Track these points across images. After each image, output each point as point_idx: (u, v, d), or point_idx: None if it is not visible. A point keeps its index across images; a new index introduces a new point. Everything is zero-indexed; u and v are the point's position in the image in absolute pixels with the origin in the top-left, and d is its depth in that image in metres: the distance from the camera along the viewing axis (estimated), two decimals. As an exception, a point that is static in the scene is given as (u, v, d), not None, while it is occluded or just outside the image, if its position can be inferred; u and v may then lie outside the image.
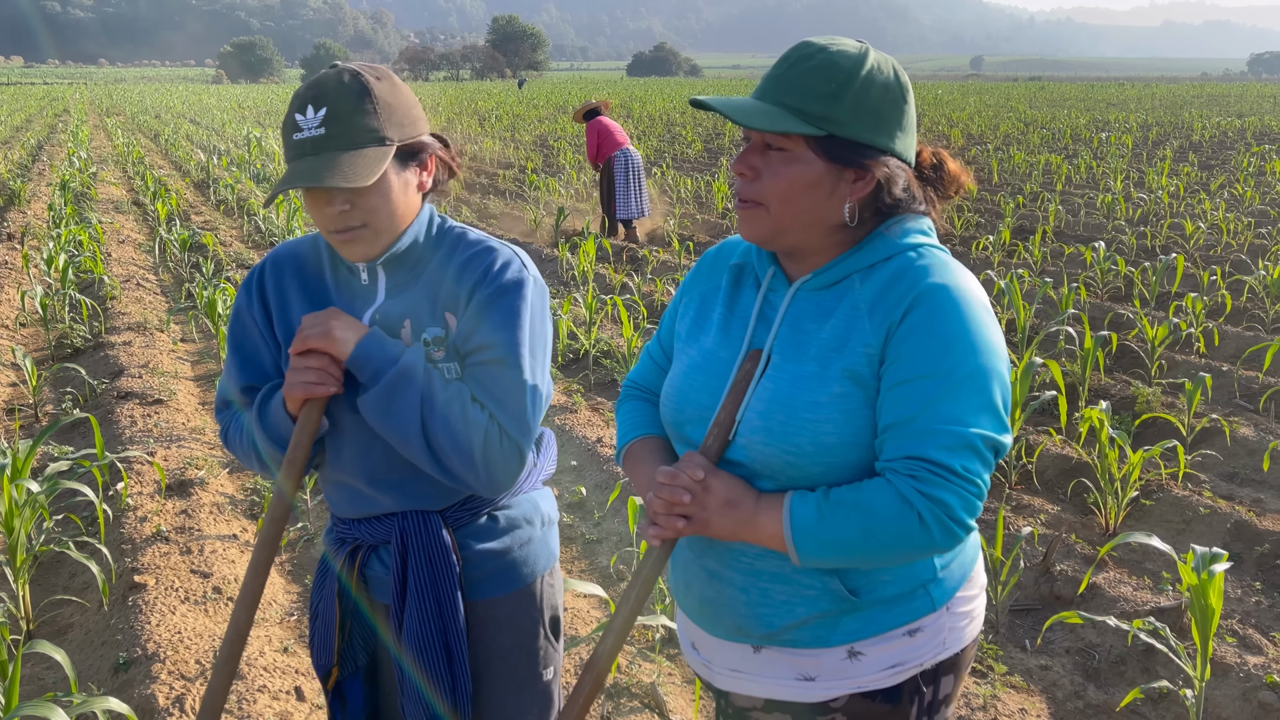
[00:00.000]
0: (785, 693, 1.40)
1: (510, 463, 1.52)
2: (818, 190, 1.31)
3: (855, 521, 1.25)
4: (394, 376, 1.48)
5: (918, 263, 1.33)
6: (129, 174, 15.53)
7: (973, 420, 1.25)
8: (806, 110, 1.28)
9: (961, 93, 49.48)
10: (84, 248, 8.25)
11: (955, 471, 1.23)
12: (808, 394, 1.31)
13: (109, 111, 35.07)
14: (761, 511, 1.31)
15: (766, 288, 1.43)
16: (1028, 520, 4.01)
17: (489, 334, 1.52)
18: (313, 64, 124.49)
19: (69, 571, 3.56)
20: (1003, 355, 1.31)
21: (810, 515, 1.27)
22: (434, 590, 1.58)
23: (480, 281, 1.54)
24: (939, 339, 1.27)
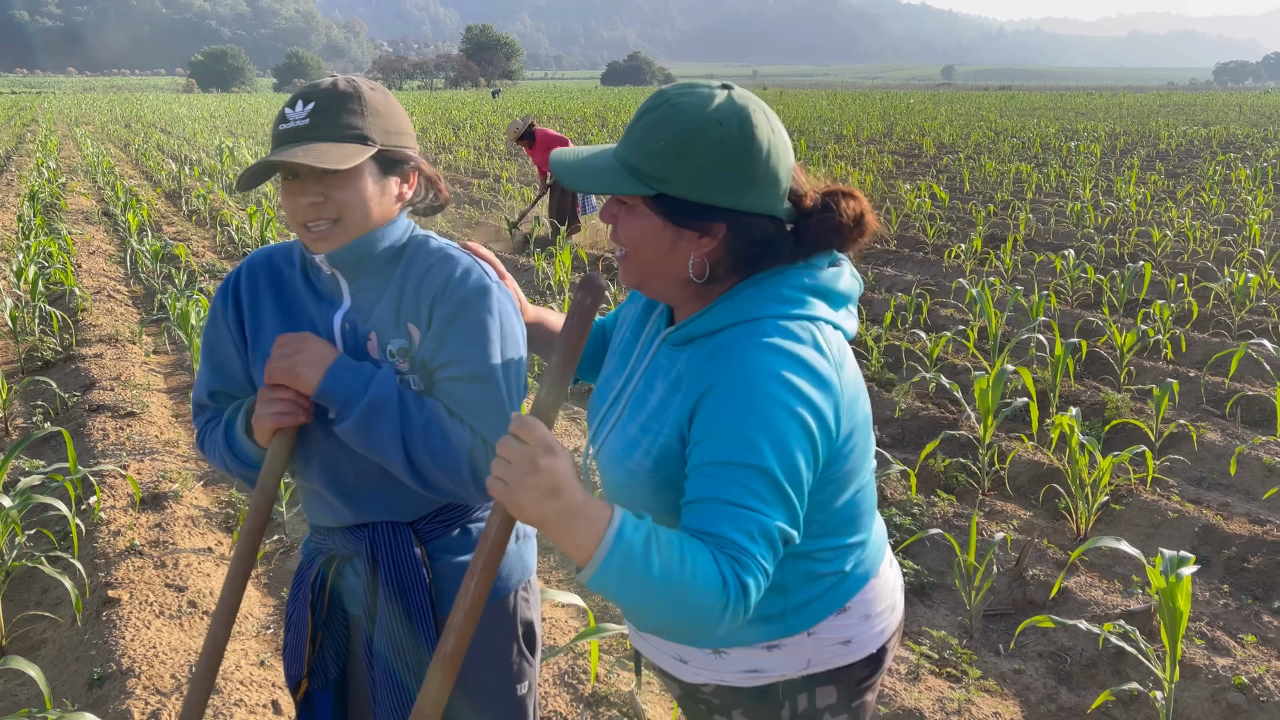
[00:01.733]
0: (668, 666, 1.50)
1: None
2: (659, 244, 1.30)
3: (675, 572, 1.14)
4: (365, 408, 1.47)
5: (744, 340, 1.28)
6: (99, 184, 15.39)
7: (769, 509, 1.20)
8: (640, 169, 1.27)
9: (933, 102, 49.99)
10: (54, 259, 8.17)
11: (758, 560, 1.19)
12: (627, 459, 1.35)
13: (78, 121, 34.71)
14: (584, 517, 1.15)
15: (652, 326, 1.46)
16: (1000, 526, 4.06)
17: (458, 349, 1.51)
18: (285, 73, 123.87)
19: (41, 587, 3.52)
20: (811, 448, 1.24)
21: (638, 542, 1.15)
22: (404, 603, 1.58)
23: (441, 293, 1.52)
24: (723, 429, 1.22)
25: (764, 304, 1.30)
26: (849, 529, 1.42)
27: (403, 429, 1.47)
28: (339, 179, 1.48)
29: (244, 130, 28.32)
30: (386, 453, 1.48)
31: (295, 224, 1.52)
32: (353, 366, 1.51)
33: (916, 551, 3.84)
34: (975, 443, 4.65)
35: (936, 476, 4.55)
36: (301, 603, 1.67)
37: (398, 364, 1.55)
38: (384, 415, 1.47)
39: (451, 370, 1.51)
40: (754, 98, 1.32)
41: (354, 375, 1.49)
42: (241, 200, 13.52)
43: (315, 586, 1.66)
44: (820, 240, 1.34)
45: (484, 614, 1.64)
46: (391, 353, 1.55)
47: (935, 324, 6.98)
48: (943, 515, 4.08)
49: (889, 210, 11.62)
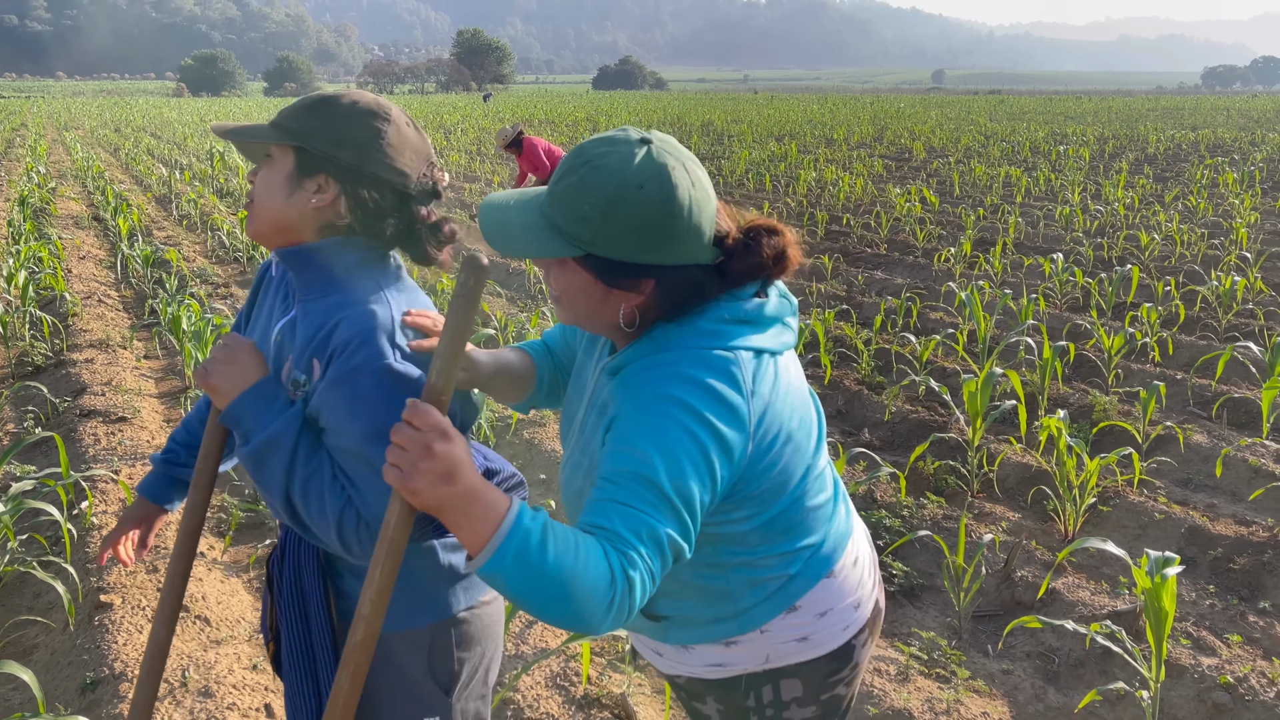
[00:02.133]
0: (648, 656, 1.62)
1: (370, 550, 1.45)
2: (590, 296, 1.35)
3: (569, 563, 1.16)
4: (259, 445, 1.46)
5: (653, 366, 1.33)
6: (89, 189, 15.35)
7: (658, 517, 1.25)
8: (567, 231, 1.30)
9: (923, 106, 50.18)
10: (44, 264, 8.16)
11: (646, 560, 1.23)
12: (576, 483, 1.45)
13: (67, 126, 34.60)
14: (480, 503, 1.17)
15: (600, 353, 1.53)
16: (989, 527, 4.09)
17: (341, 419, 1.46)
18: (275, 77, 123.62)
19: (33, 592, 3.53)
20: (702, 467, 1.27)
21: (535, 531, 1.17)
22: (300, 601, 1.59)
23: (338, 350, 1.47)
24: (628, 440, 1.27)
25: (684, 337, 1.34)
26: (790, 536, 1.46)
27: (287, 476, 1.46)
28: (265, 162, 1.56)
29: (235, 135, 28.26)
30: (270, 492, 1.48)
31: None
32: (264, 396, 1.49)
33: (906, 553, 3.86)
34: (964, 445, 4.68)
35: (926, 479, 4.58)
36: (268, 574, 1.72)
37: (294, 394, 1.53)
38: (274, 458, 1.46)
39: (331, 438, 1.49)
40: (673, 151, 1.33)
41: (261, 407, 1.48)
42: (233, 205, 13.51)
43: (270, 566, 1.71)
44: (743, 276, 1.38)
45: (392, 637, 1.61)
46: (295, 380, 1.53)
47: (925, 327, 7.02)
48: (932, 517, 4.10)
49: (879, 214, 11.67)
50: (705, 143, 24.49)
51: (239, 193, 14.43)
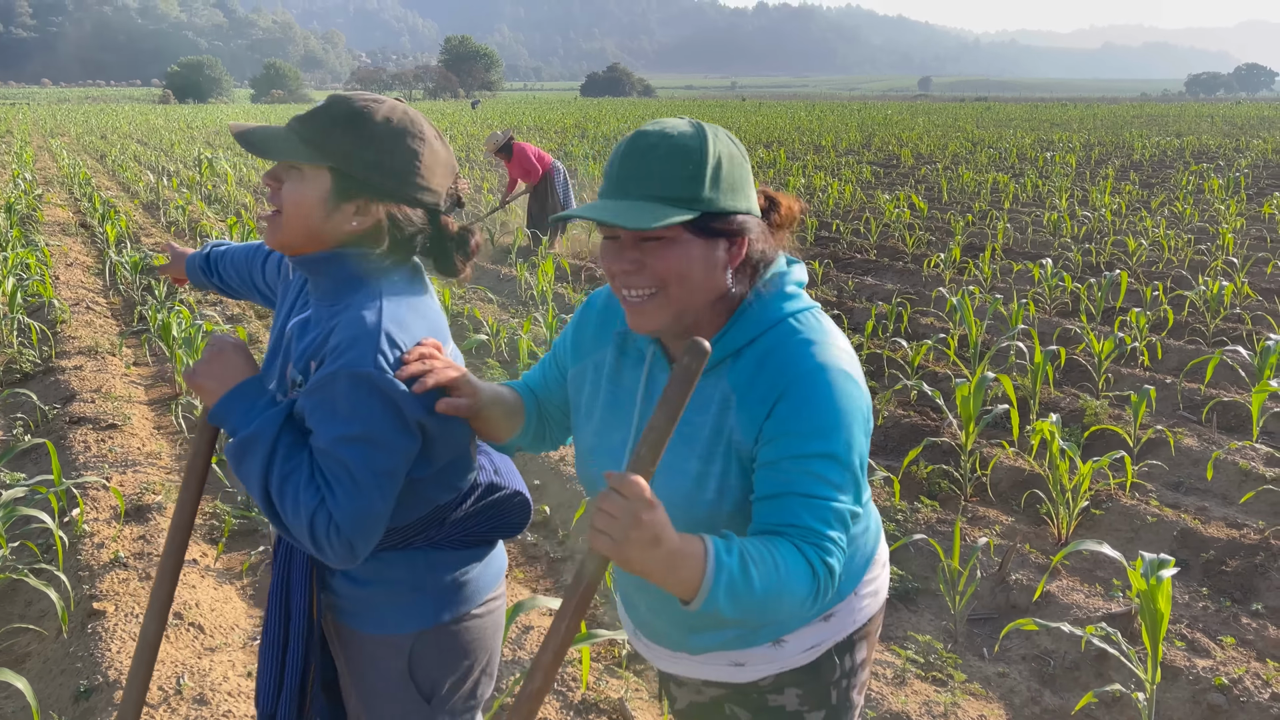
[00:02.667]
0: (719, 675, 1.56)
1: (340, 553, 1.47)
2: (703, 265, 1.35)
3: (772, 579, 1.25)
4: (241, 441, 1.48)
5: (786, 342, 1.38)
6: (75, 196, 15.27)
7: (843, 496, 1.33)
8: (676, 196, 1.31)
9: (910, 113, 50.41)
10: (32, 271, 8.11)
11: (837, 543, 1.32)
12: (699, 492, 1.39)
13: (53, 132, 34.42)
14: (686, 556, 1.22)
15: (651, 365, 1.48)
16: (983, 531, 4.10)
17: (318, 421, 1.47)
18: (262, 84, 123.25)
19: (25, 600, 3.50)
20: (861, 422, 1.36)
21: (734, 566, 1.23)
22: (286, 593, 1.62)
23: (329, 354, 1.48)
24: (808, 424, 1.32)
25: (778, 306, 1.42)
26: (866, 485, 1.52)
27: (265, 472, 1.46)
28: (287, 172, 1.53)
29: (221, 141, 28.19)
30: (250, 487, 1.50)
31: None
32: (248, 394, 1.51)
33: (901, 557, 3.87)
34: (957, 449, 4.69)
35: (919, 483, 4.59)
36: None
37: (290, 392, 1.55)
38: (253, 454, 1.47)
39: (313, 438, 1.49)
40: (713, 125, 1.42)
41: (245, 405, 1.50)
42: (221, 212, 13.46)
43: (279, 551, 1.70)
44: (779, 231, 1.47)
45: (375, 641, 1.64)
46: (294, 380, 1.55)
47: (916, 332, 7.04)
48: (926, 521, 4.11)
49: (868, 220, 11.71)
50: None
51: (227, 199, 14.37)
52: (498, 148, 10.12)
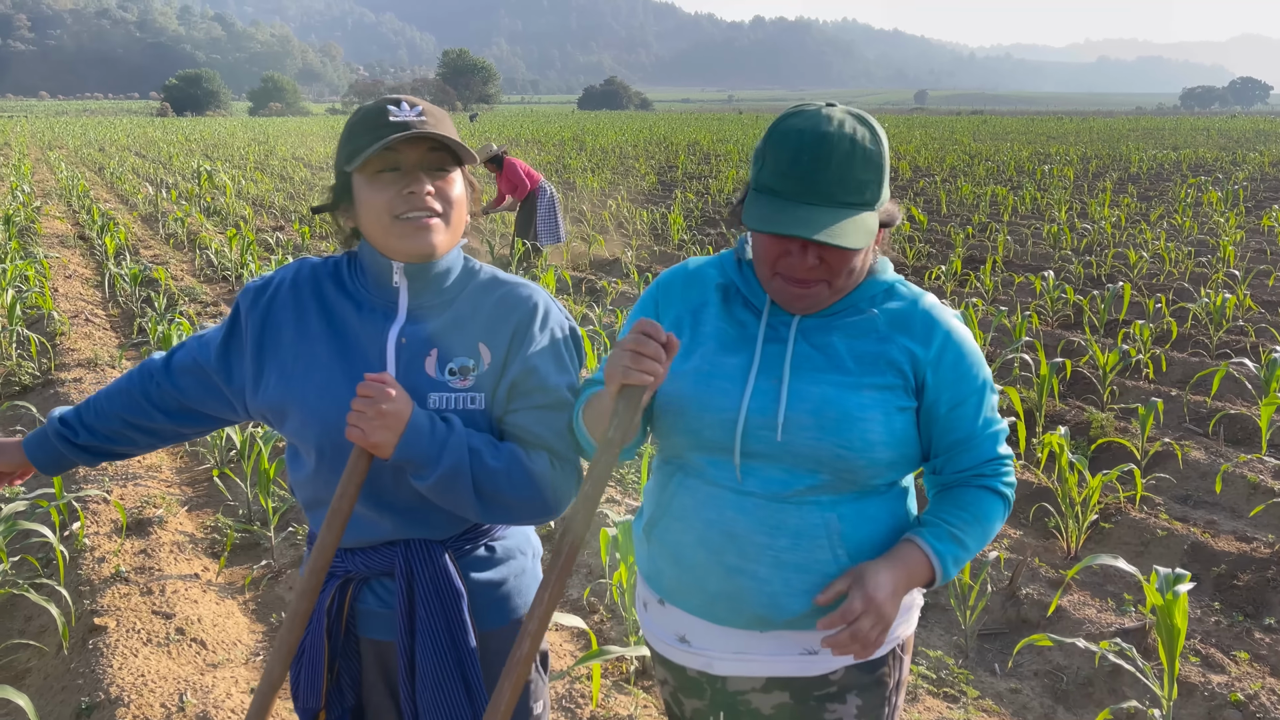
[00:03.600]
0: (788, 669, 1.54)
1: (571, 484, 1.58)
2: (868, 253, 1.51)
3: (980, 533, 1.55)
4: (441, 475, 1.47)
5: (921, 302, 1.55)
6: (74, 208, 15.24)
7: (1000, 421, 1.58)
8: (867, 201, 1.44)
9: (907, 126, 50.55)
10: (30, 283, 8.07)
11: (1009, 460, 1.58)
12: (854, 396, 1.48)
13: (51, 145, 34.42)
14: (914, 574, 1.49)
15: (769, 315, 1.55)
16: (993, 545, 4.07)
17: (547, 378, 1.56)
18: (260, 97, 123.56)
19: (25, 615, 3.46)
20: None
21: (950, 552, 1.51)
22: (445, 621, 1.56)
23: (527, 323, 1.57)
24: (972, 366, 1.53)
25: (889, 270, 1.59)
26: None
27: (476, 486, 1.49)
28: (448, 176, 1.51)
29: (220, 154, 28.20)
30: (461, 508, 1.52)
31: (386, 216, 1.48)
32: (424, 430, 1.46)
33: (910, 571, 3.83)
34: (964, 462, 4.66)
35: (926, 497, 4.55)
36: (316, 629, 1.60)
37: (456, 382, 1.54)
38: (459, 481, 1.49)
39: (539, 398, 1.56)
40: None
41: (428, 441, 1.47)
42: (220, 223, 13.44)
43: (332, 611, 1.61)
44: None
45: (506, 631, 1.65)
46: (451, 369, 1.55)
47: (919, 345, 7.01)
48: (934, 535, 4.08)
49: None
50: (693, 162, 24.57)
51: (226, 211, 14.35)
52: (488, 159, 10.11)
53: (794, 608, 1.51)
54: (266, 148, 31.26)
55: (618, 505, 4.20)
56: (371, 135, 1.46)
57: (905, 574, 1.47)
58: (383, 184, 1.48)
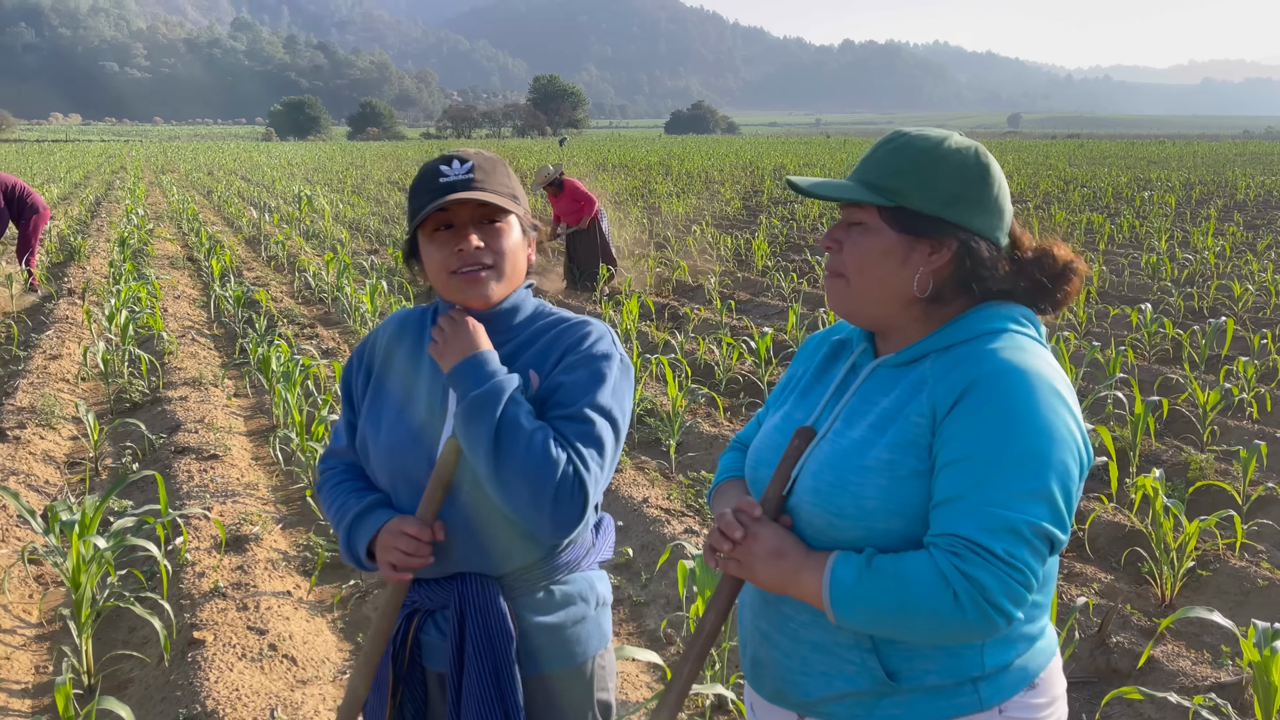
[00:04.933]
0: None
1: (576, 508, 1.54)
2: (889, 260, 1.36)
3: (891, 590, 1.24)
4: (482, 395, 1.53)
5: (990, 344, 1.34)
6: (183, 230, 15.97)
7: (1020, 505, 1.22)
8: (880, 184, 1.37)
9: (999, 150, 49.59)
10: (143, 304, 8.49)
11: (995, 554, 1.21)
12: (856, 458, 1.34)
13: (164, 169, 36.13)
14: (806, 567, 1.31)
15: (854, 360, 1.49)
16: (1081, 589, 3.96)
17: (572, 391, 1.59)
18: (358, 121, 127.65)
19: (129, 626, 3.63)
20: (1070, 445, 1.28)
21: (850, 577, 1.27)
22: (492, 659, 1.60)
23: (572, 346, 1.62)
24: (993, 419, 1.25)
25: (1002, 320, 1.38)
26: (1048, 583, 1.37)
27: (499, 429, 1.51)
28: (497, 229, 1.61)
29: (320, 178, 29.21)
30: (475, 454, 1.53)
31: (444, 272, 1.60)
32: (486, 361, 1.57)
33: (993, 614, 3.75)
34: (1052, 502, 4.54)
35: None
36: (383, 657, 1.67)
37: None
38: (486, 412, 1.52)
39: (564, 410, 1.58)
40: None
41: (482, 370, 1.56)
42: (318, 246, 13.92)
43: (397, 640, 1.68)
44: (1033, 284, 1.41)
45: (562, 677, 1.67)
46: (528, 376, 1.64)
47: (1008, 378, 6.86)
48: (1020, 577, 3.98)
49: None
50: (778, 187, 24.51)
51: (324, 235, 14.86)
52: (549, 181, 10.20)
53: (808, 689, 1.39)
54: (363, 172, 32.27)
55: (695, 537, 4.21)
56: (425, 197, 1.59)
57: (798, 564, 1.31)
58: (439, 242, 1.61)
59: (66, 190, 25.22)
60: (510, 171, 1.68)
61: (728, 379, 6.92)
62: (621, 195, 21.51)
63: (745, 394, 6.72)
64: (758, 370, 6.89)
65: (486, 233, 1.60)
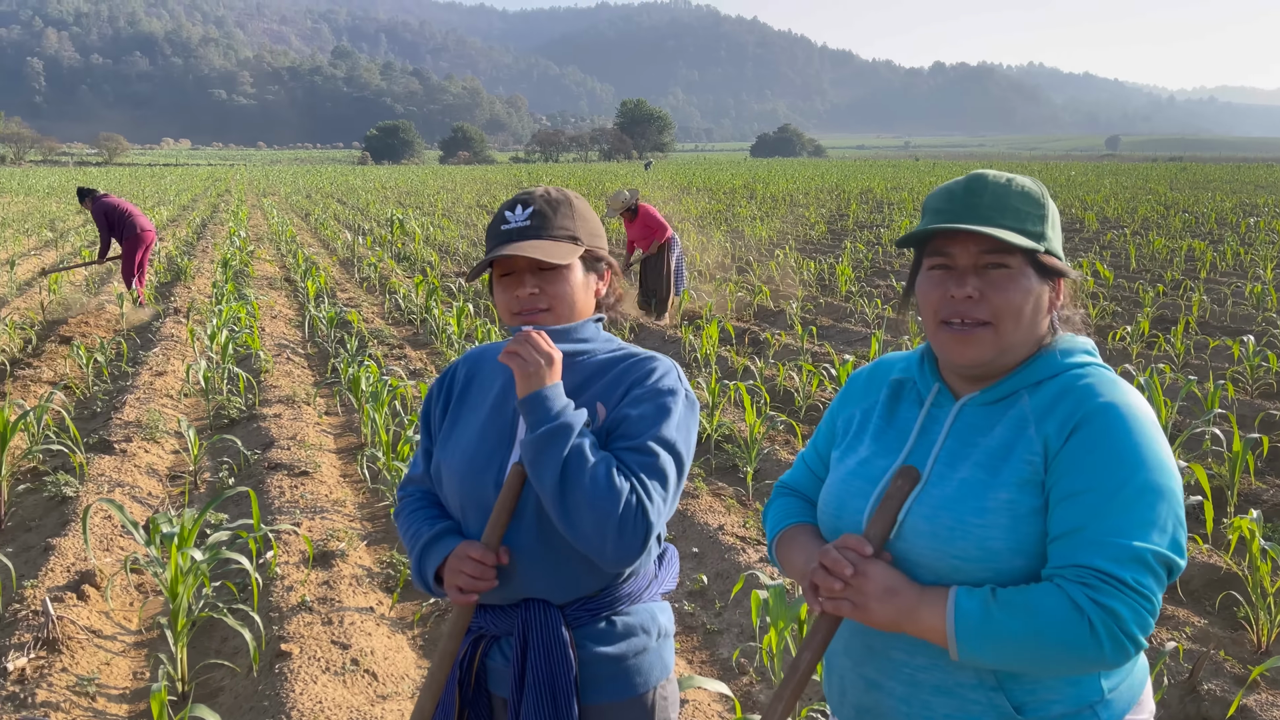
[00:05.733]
0: None
1: (638, 537, 1.56)
2: (1037, 303, 1.39)
3: (1023, 622, 1.24)
4: (552, 430, 1.57)
5: (1084, 380, 1.38)
6: (282, 252, 16.58)
7: (1142, 534, 1.25)
8: (1025, 229, 1.38)
9: (1096, 174, 48.25)
10: (242, 323, 8.84)
11: (1126, 583, 1.23)
12: (975, 500, 1.34)
13: (265, 192, 37.58)
14: (924, 602, 1.30)
15: (931, 404, 1.47)
16: (1172, 633, 3.83)
17: (638, 424, 1.62)
18: (450, 145, 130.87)
19: (221, 636, 3.78)
20: (1175, 475, 1.32)
21: (976, 610, 1.26)
22: (551, 687, 1.63)
23: (639, 380, 1.66)
24: (1108, 454, 1.29)
25: (1079, 353, 1.43)
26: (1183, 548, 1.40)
27: (566, 462, 1.55)
28: (553, 273, 1.68)
29: (412, 201, 30.00)
30: (542, 485, 1.57)
31: (508, 315, 1.71)
32: (556, 394, 1.61)
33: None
34: (1143, 541, 4.40)
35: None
36: (450, 679, 1.72)
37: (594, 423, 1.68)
38: (555, 446, 1.56)
39: (629, 441, 1.62)
40: None
41: (553, 402, 1.60)
42: (409, 268, 14.30)
43: (463, 664, 1.72)
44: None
45: (622, 707, 1.68)
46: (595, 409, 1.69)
47: (1098, 411, 6.66)
48: (1106, 618, 3.87)
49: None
50: (864, 210, 24.28)
51: (415, 257, 15.26)
52: (625, 208, 10.20)
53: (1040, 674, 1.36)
54: (453, 195, 33.04)
55: (770, 566, 4.20)
56: (490, 243, 1.70)
57: (915, 600, 1.30)
58: (503, 286, 1.71)
59: (175, 212, 26.43)
60: (576, 209, 1.73)
61: (807, 406, 6.88)
62: (704, 219, 21.57)
63: (825, 422, 6.67)
64: (838, 398, 6.83)
65: (544, 278, 1.67)
